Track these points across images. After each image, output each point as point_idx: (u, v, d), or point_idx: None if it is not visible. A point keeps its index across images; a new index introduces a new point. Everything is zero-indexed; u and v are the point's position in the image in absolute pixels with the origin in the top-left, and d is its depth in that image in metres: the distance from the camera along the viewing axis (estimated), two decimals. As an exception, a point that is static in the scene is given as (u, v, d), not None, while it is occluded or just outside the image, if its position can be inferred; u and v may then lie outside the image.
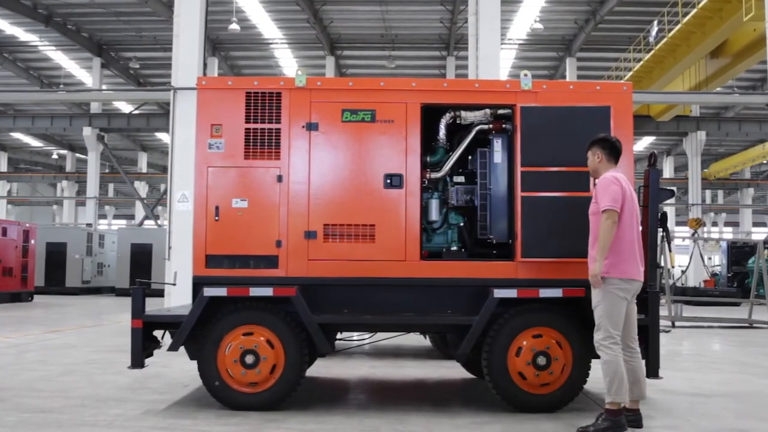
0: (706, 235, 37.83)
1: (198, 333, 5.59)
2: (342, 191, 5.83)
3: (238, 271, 5.75)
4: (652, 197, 5.71)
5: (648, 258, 5.56)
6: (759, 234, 43.96)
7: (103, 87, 31.30)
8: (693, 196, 33.26)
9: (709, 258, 36.18)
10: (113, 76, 32.78)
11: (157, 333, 5.97)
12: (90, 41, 29.95)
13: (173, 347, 5.59)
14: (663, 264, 13.39)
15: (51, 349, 9.50)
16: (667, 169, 40.06)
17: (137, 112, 30.64)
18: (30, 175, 43.85)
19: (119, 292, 25.81)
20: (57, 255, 26.47)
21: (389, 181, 5.81)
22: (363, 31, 28.89)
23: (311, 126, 5.85)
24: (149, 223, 33.07)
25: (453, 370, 7.65)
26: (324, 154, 5.84)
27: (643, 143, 39.01)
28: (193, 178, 5.87)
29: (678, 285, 23.70)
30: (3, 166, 43.18)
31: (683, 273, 25.75)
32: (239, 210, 5.78)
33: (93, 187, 31.99)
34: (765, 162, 40.13)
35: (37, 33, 29.06)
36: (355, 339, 8.89)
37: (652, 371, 5.50)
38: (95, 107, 32.25)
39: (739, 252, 29.24)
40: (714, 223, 51.48)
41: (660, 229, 5.84)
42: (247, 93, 5.90)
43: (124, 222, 52.40)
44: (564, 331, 5.56)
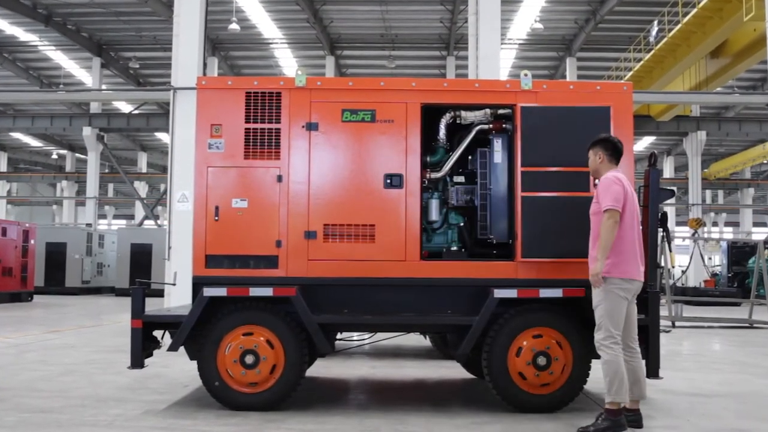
0: (706, 235, 37.82)
1: (198, 333, 5.59)
2: (342, 191, 5.83)
3: (238, 271, 5.75)
4: (652, 197, 5.71)
5: (648, 258, 5.56)
6: (759, 234, 43.95)
7: (103, 87, 31.30)
8: (693, 196, 33.25)
9: (710, 258, 36.16)
10: (113, 75, 32.79)
11: (157, 333, 5.97)
12: (90, 41, 29.95)
13: (173, 347, 5.60)
14: (663, 264, 13.38)
15: (51, 349, 9.50)
16: (668, 169, 40.06)
17: (137, 112, 30.64)
18: (30, 175, 43.84)
19: (119, 292, 25.81)
20: (57, 255, 26.47)
21: (389, 181, 5.81)
22: (363, 31, 28.89)
23: (311, 126, 5.85)
24: (149, 223, 33.07)
25: (453, 370, 7.65)
26: (324, 154, 5.84)
27: (644, 143, 39.02)
28: (193, 178, 5.87)
29: (678, 285, 23.69)
30: (3, 166, 43.17)
31: (683, 273, 25.74)
32: (239, 210, 5.78)
33: (93, 187, 31.99)
34: (765, 162, 40.13)
35: (37, 33, 29.07)
36: (355, 339, 8.89)
37: (652, 371, 5.50)
38: (95, 107, 32.25)
39: (740, 252, 29.24)
40: (714, 223, 51.48)
41: (660, 229, 5.84)
42: (247, 93, 5.90)
43: (123, 222, 52.39)
44: (564, 331, 5.56)
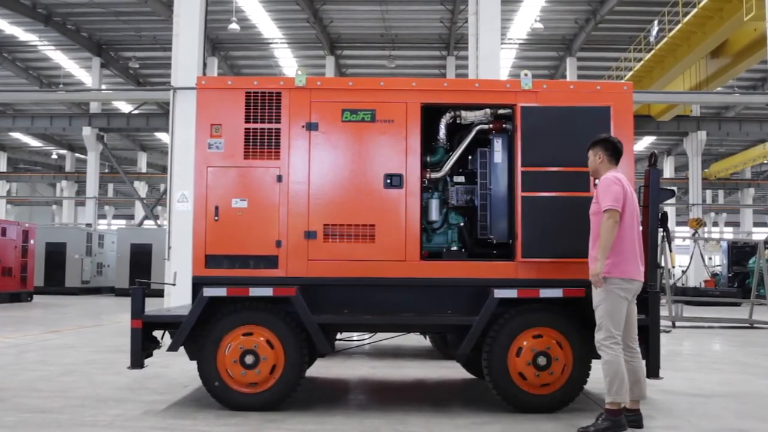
0: (706, 235, 37.83)
1: (198, 333, 5.58)
2: (342, 191, 5.82)
3: (237, 271, 5.75)
4: (652, 197, 5.71)
5: (648, 258, 5.55)
6: (759, 234, 43.94)
7: (103, 87, 31.30)
8: (693, 196, 33.24)
9: (710, 258, 36.16)
10: (113, 75, 32.79)
11: (157, 333, 5.96)
12: (89, 41, 29.95)
13: (173, 347, 5.59)
14: (663, 264, 13.38)
15: (50, 350, 9.49)
16: (668, 169, 40.06)
17: (137, 111, 30.63)
18: (29, 175, 43.85)
19: (119, 292, 25.79)
20: (56, 255, 26.46)
21: (389, 181, 5.80)
22: (363, 31, 28.89)
23: (311, 126, 5.84)
24: (149, 223, 33.06)
25: (453, 370, 7.64)
26: (324, 154, 5.83)
27: (644, 143, 39.01)
28: (193, 178, 5.86)
29: (678, 285, 23.69)
30: (2, 165, 43.16)
31: (684, 273, 25.73)
32: (239, 210, 5.77)
33: (92, 187, 31.99)
34: (766, 162, 40.14)
35: (37, 32, 29.06)
36: (355, 339, 8.89)
37: (652, 371, 5.50)
38: (95, 107, 32.25)
39: (740, 252, 29.25)
40: (714, 223, 51.52)
41: (660, 229, 5.83)
42: (247, 93, 5.89)
43: (123, 222, 52.38)
44: (564, 332, 5.56)
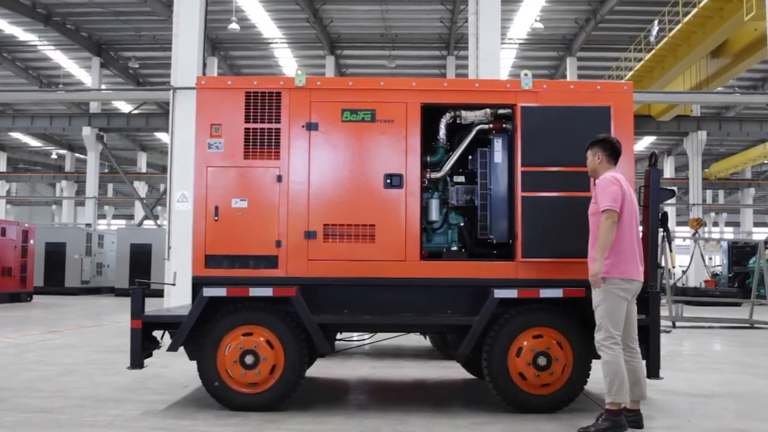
0: (706, 236, 37.82)
1: (197, 333, 5.58)
2: (342, 191, 5.82)
3: (237, 271, 5.74)
4: (652, 197, 5.70)
5: (649, 258, 5.55)
6: (760, 234, 43.93)
7: (103, 87, 31.29)
8: (694, 196, 33.23)
9: (710, 258, 36.19)
10: (112, 75, 32.78)
11: (157, 333, 5.96)
12: (89, 41, 29.94)
13: (173, 348, 5.59)
14: (664, 264, 13.37)
15: (50, 350, 9.48)
16: (668, 169, 40.05)
17: (136, 111, 30.62)
18: (29, 175, 43.83)
19: (118, 292, 25.77)
20: (56, 255, 26.43)
21: (389, 181, 5.80)
22: (363, 31, 28.88)
23: (311, 126, 5.84)
24: (149, 223, 33.04)
25: (453, 370, 7.64)
26: (324, 154, 5.83)
27: (644, 143, 39.01)
28: (193, 178, 5.86)
29: (679, 285, 23.69)
30: (2, 165, 43.14)
31: (684, 273, 25.73)
32: (239, 210, 5.77)
33: (92, 187, 31.97)
34: (766, 162, 40.14)
35: (36, 32, 29.05)
36: (355, 339, 8.88)
37: (652, 371, 5.49)
38: (94, 107, 32.22)
39: (740, 252, 29.26)
40: (715, 223, 51.53)
41: (661, 229, 5.83)
42: (247, 93, 5.88)
43: (123, 222, 52.36)
44: (564, 332, 5.55)
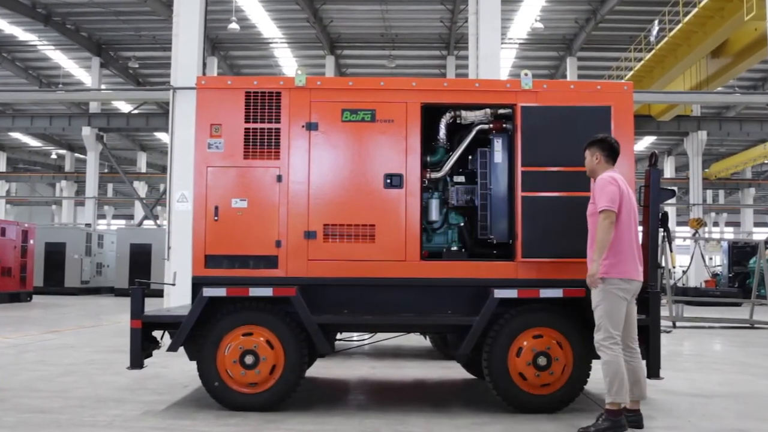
0: (707, 236, 37.82)
1: (197, 333, 5.57)
2: (342, 191, 5.81)
3: (237, 272, 5.74)
4: (653, 197, 5.70)
5: (649, 258, 5.54)
6: (760, 234, 43.92)
7: (102, 86, 31.28)
8: (694, 196, 33.23)
9: (710, 258, 36.18)
10: (112, 75, 32.77)
11: (157, 333, 5.95)
12: (89, 41, 29.94)
13: (172, 348, 5.58)
14: (664, 264, 13.37)
15: (50, 350, 9.48)
16: (668, 169, 40.05)
17: (136, 111, 30.61)
18: (29, 175, 43.82)
19: (118, 292, 25.76)
20: (56, 255, 26.42)
21: (389, 181, 5.79)
22: (363, 31, 28.88)
23: (311, 126, 5.83)
24: (148, 223, 33.04)
25: (453, 370, 7.63)
26: (324, 153, 5.82)
27: (644, 143, 39.01)
28: (193, 178, 5.85)
29: (679, 285, 23.71)
30: (2, 165, 43.13)
31: (684, 273, 25.75)
32: (239, 210, 5.76)
33: (92, 187, 31.97)
34: (766, 162, 40.14)
35: (36, 32, 29.05)
36: (355, 339, 8.88)
37: (653, 372, 5.49)
38: (94, 107, 32.22)
39: (740, 252, 29.25)
40: (715, 223, 51.53)
41: (661, 229, 5.82)
42: (247, 93, 5.88)
43: (123, 222, 52.36)
44: (564, 332, 5.55)
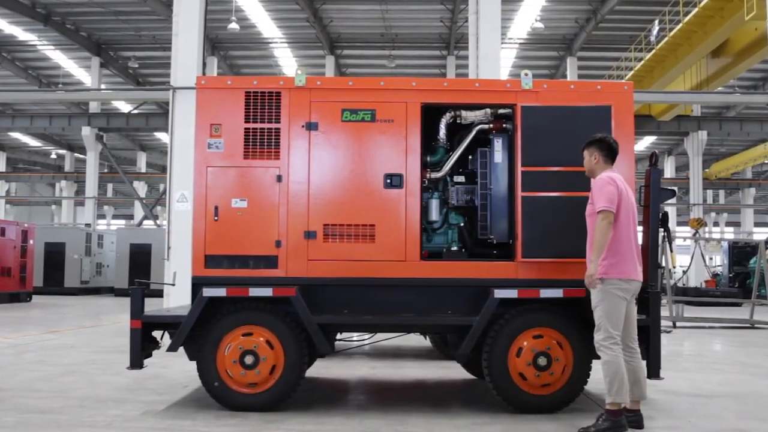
0: (707, 236, 37.82)
1: (197, 333, 5.57)
2: (342, 191, 5.81)
3: (237, 272, 5.73)
4: (653, 197, 5.69)
5: (649, 258, 5.53)
6: (760, 234, 43.91)
7: (102, 86, 31.28)
8: (694, 196, 33.22)
9: (711, 258, 36.17)
10: (112, 75, 32.77)
11: (156, 333, 5.95)
12: (89, 40, 29.93)
13: (172, 348, 5.58)
14: (664, 264, 13.36)
15: (50, 350, 9.48)
16: (669, 169, 40.06)
17: (136, 111, 30.61)
18: (29, 175, 43.82)
19: (118, 292, 25.75)
20: (56, 255, 26.42)
21: (389, 181, 5.79)
22: (363, 31, 28.88)
23: (311, 126, 5.83)
24: (148, 223, 33.03)
25: (453, 370, 7.63)
26: (324, 153, 5.82)
27: (644, 143, 39.01)
28: (193, 178, 5.85)
29: (679, 285, 23.71)
30: (1, 165, 43.13)
31: (684, 273, 25.75)
32: (239, 210, 5.76)
33: (92, 187, 31.98)
34: (766, 162, 40.13)
35: (36, 32, 29.05)
36: (355, 339, 8.88)
37: (653, 372, 5.49)
38: (94, 107, 32.23)
39: (741, 252, 29.24)
40: (715, 223, 51.52)
41: (661, 229, 5.82)
42: (247, 92, 5.87)
43: (123, 222, 52.35)
44: (565, 332, 5.54)
